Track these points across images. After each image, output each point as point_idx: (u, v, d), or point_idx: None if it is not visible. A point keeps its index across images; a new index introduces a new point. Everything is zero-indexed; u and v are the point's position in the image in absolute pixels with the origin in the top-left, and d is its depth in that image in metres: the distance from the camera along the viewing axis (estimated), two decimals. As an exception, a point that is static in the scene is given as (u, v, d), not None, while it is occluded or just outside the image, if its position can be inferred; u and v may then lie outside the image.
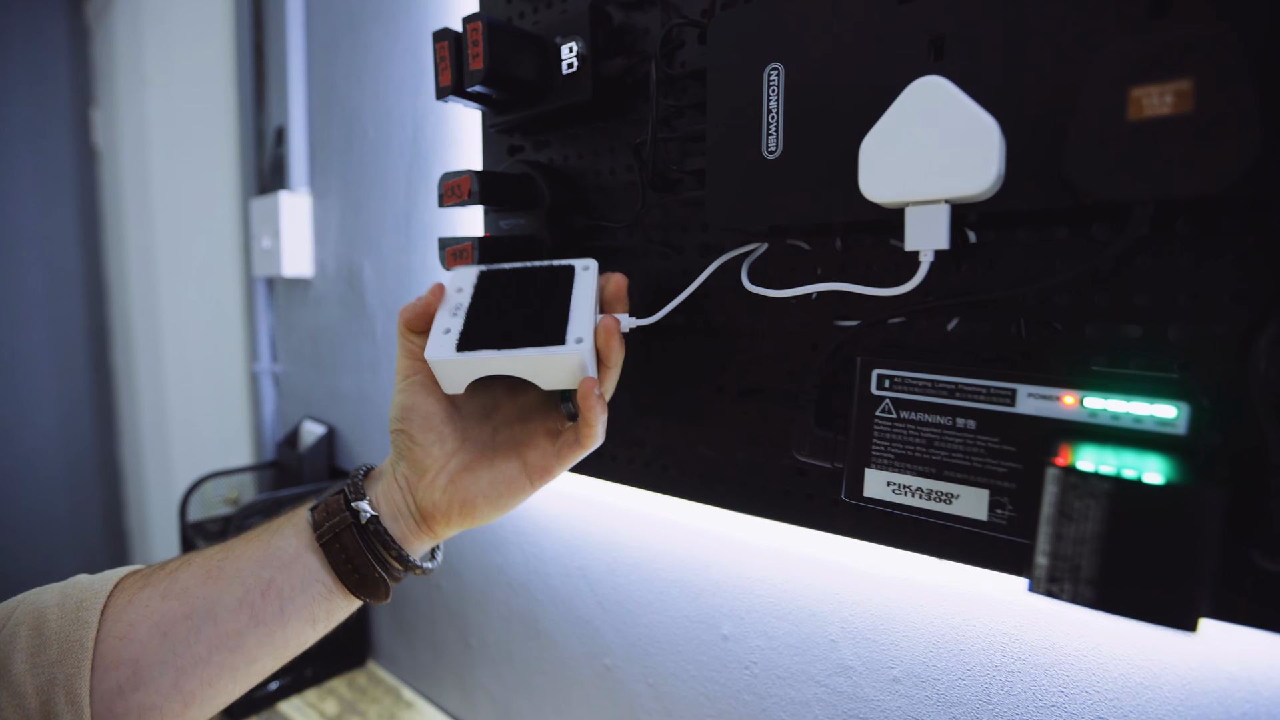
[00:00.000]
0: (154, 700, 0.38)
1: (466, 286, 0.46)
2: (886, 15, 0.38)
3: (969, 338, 0.42)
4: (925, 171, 0.35)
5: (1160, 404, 0.32)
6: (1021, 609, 0.43)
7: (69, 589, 0.40)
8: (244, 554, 0.42)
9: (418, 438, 0.44)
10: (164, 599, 0.39)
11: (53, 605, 0.38)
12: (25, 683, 0.35)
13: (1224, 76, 0.28)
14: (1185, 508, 0.27)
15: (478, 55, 0.53)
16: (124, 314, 1.81)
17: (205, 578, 0.41)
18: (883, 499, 0.40)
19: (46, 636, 0.37)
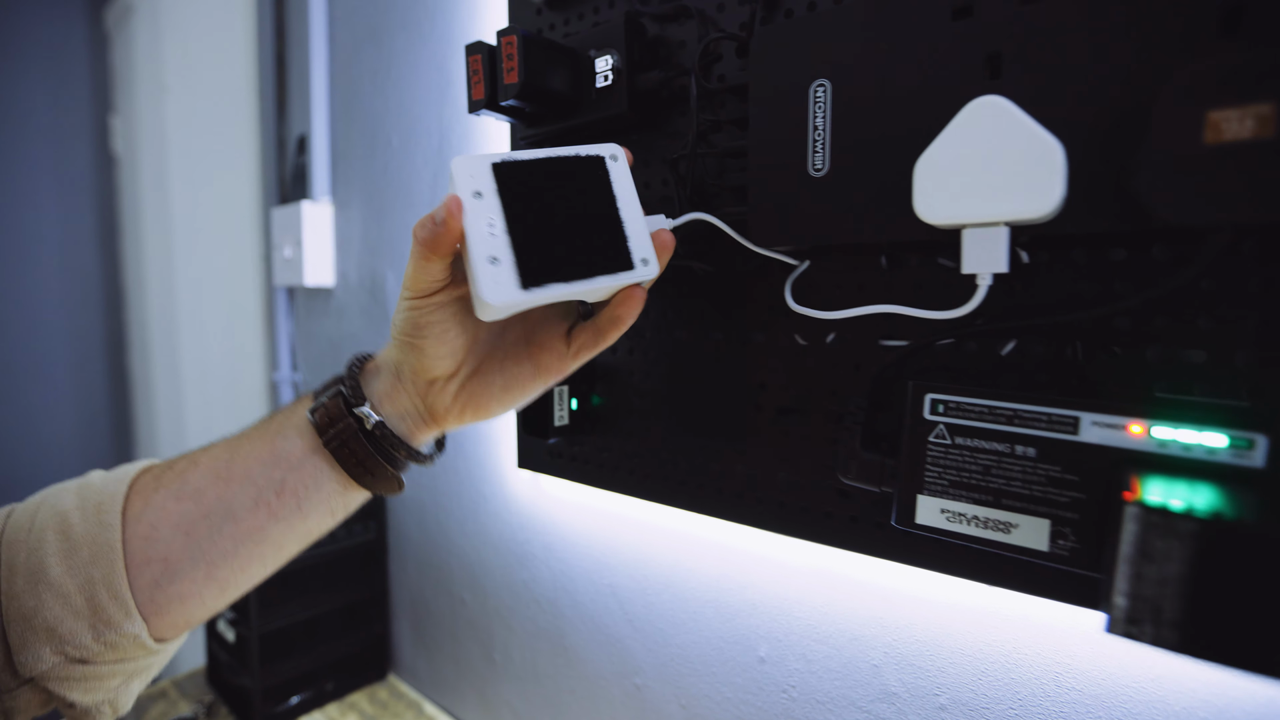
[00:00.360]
0: (191, 589, 0.40)
1: (486, 190, 0.37)
2: (940, 32, 0.37)
3: (1021, 360, 0.41)
4: (984, 193, 0.34)
5: (1236, 435, 0.31)
6: (1076, 637, 0.42)
7: (85, 491, 0.40)
8: (250, 454, 0.42)
9: (429, 351, 0.40)
10: (178, 500, 0.40)
11: (73, 509, 0.39)
12: (66, 583, 0.37)
13: (1310, 99, 0.27)
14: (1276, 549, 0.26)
15: (512, 69, 0.52)
16: (141, 321, 1.83)
17: (215, 479, 0.41)
18: (937, 526, 0.39)
19: (74, 540, 0.38)
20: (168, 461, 0.43)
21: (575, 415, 0.62)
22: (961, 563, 0.43)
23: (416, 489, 0.91)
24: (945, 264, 0.43)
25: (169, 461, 0.43)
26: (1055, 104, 0.34)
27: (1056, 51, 0.34)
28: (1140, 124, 0.31)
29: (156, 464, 0.43)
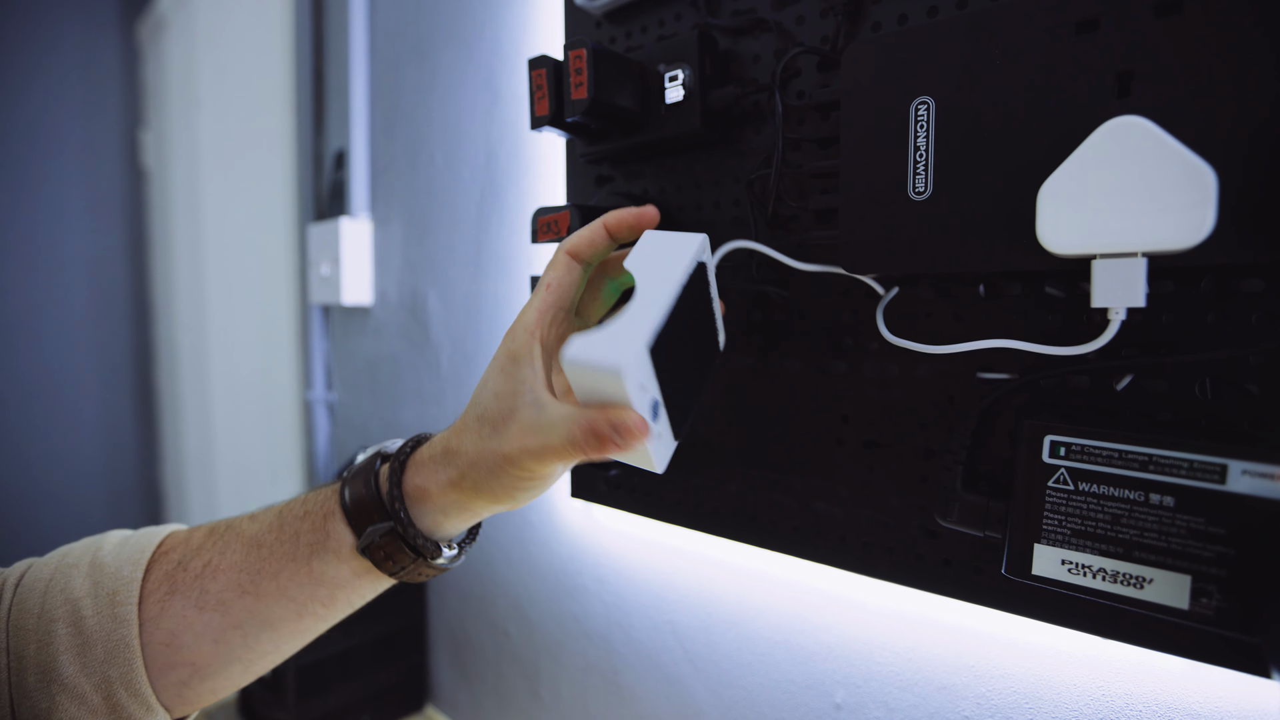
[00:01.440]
0: (225, 685, 0.39)
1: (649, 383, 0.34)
2: (1062, 47, 0.35)
3: (1139, 395, 0.38)
4: (1121, 221, 0.32)
5: None
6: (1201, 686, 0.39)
7: (98, 575, 0.38)
8: (280, 572, 0.39)
9: (524, 500, 0.39)
10: (199, 610, 0.38)
11: (85, 597, 0.37)
12: (80, 683, 0.35)
13: None
14: None
15: (581, 84, 0.51)
16: (170, 336, 1.84)
17: (240, 592, 0.38)
18: (1056, 578, 0.37)
19: (86, 635, 0.36)
20: (179, 560, 0.39)
21: (636, 444, 0.60)
22: (1075, 615, 0.40)
23: (458, 514, 0.89)
24: (1053, 293, 0.41)
25: (181, 561, 0.39)
26: (1194, 125, 0.32)
27: (1198, 69, 0.32)
28: (1304, 147, 0.29)
29: (171, 537, 0.41)
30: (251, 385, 1.38)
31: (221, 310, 1.50)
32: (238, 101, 1.34)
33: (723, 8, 0.54)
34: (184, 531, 0.42)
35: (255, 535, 0.40)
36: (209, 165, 1.50)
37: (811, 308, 0.50)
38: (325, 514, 0.40)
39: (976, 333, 0.43)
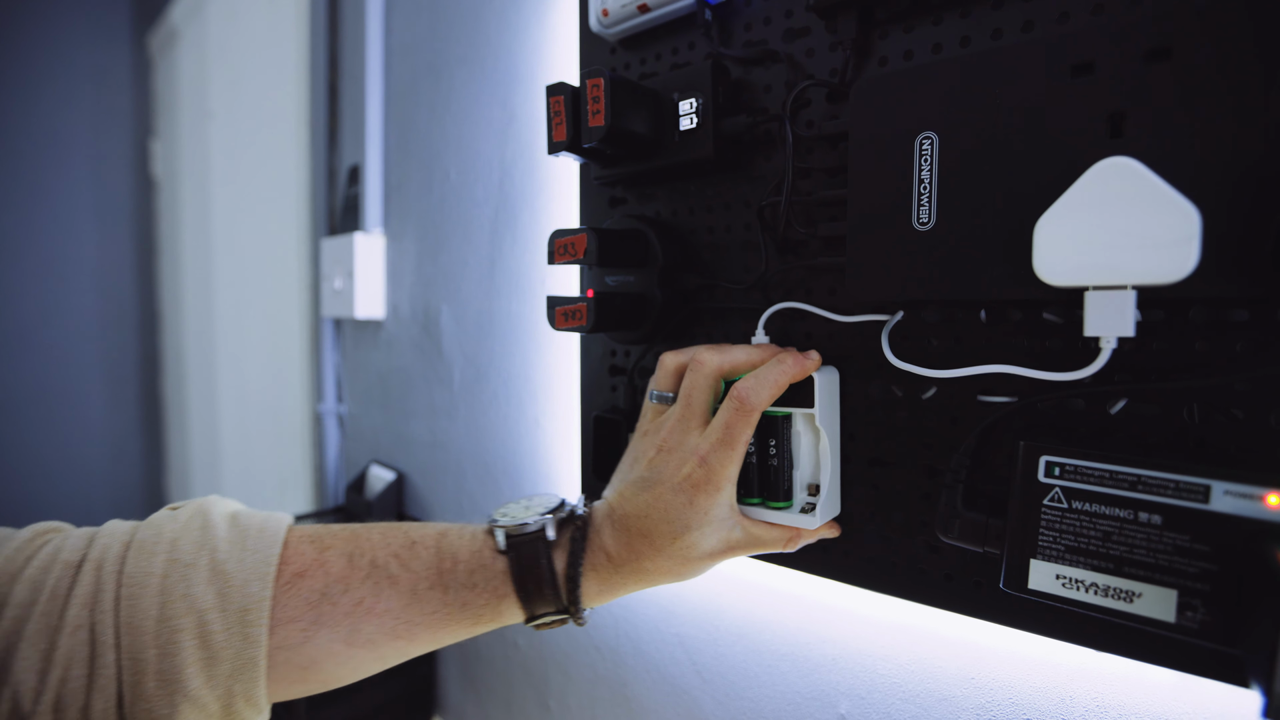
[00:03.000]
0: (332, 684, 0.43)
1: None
2: (1059, 89, 0.38)
3: (1131, 420, 0.41)
4: (1111, 255, 0.35)
5: (1389, 512, 0.30)
6: (1186, 696, 0.41)
7: (224, 584, 0.39)
8: (441, 629, 0.44)
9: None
10: (349, 645, 0.41)
11: (213, 609, 0.38)
12: (204, 695, 0.38)
13: None
14: None
15: (599, 112, 0.54)
16: (177, 346, 1.87)
17: (395, 637, 0.43)
18: (1051, 593, 0.39)
19: (215, 650, 0.38)
20: (319, 578, 0.41)
21: (647, 459, 0.62)
22: (1068, 628, 0.43)
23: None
24: (1051, 319, 0.43)
25: (322, 581, 0.41)
26: (1183, 167, 0.34)
27: (1186, 112, 0.34)
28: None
29: (293, 549, 0.42)
30: (260, 396, 1.41)
31: (230, 321, 1.53)
32: (250, 114, 1.38)
33: (735, 38, 0.57)
34: (308, 544, 0.43)
35: (413, 587, 0.43)
36: (220, 176, 1.53)
37: (819, 331, 0.53)
38: (497, 594, 0.44)
39: (978, 357, 0.45)
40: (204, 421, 1.73)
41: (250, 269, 1.43)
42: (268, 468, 1.40)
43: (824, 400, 0.49)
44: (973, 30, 0.45)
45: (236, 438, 1.55)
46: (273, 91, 1.26)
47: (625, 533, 0.45)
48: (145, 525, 0.42)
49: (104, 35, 1.96)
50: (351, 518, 1.06)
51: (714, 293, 0.59)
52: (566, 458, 0.77)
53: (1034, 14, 0.43)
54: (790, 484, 0.50)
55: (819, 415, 0.48)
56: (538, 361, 0.79)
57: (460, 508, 0.93)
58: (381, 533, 0.45)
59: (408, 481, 1.02)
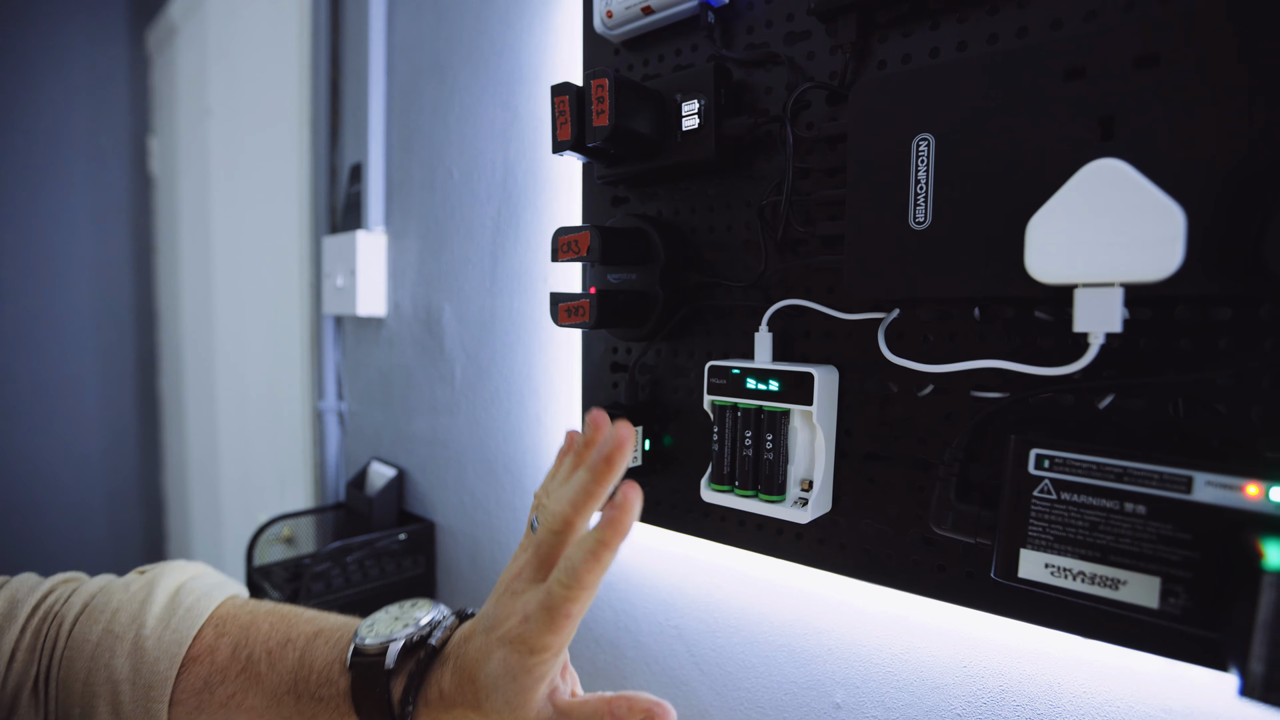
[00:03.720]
0: None
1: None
2: (1051, 92, 0.39)
3: (1119, 414, 0.42)
4: (1100, 254, 0.36)
5: (1361, 500, 0.32)
6: (1171, 686, 0.42)
7: (138, 659, 0.43)
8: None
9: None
10: None
11: (125, 682, 0.43)
12: None
13: None
14: None
15: (603, 111, 0.55)
16: (175, 343, 1.88)
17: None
18: (1040, 581, 0.41)
19: (123, 717, 0.43)
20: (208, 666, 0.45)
21: (648, 456, 0.64)
22: (1057, 615, 0.44)
23: (471, 525, 0.93)
24: (1043, 317, 0.45)
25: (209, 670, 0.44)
26: (1170, 168, 0.36)
27: (1173, 117, 0.36)
28: (1267, 194, 0.33)
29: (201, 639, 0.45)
30: (259, 393, 1.42)
31: (229, 318, 1.54)
32: (250, 111, 1.39)
33: (737, 41, 0.59)
34: (212, 628, 0.46)
35: (275, 689, 0.45)
36: (219, 174, 1.54)
37: (818, 329, 0.55)
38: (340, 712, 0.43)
39: (971, 353, 0.47)
40: (202, 419, 1.74)
41: (250, 266, 1.44)
42: (267, 465, 1.41)
43: (822, 398, 0.50)
44: (969, 35, 0.47)
45: (235, 435, 1.55)
46: (273, 89, 1.27)
47: (460, 674, 0.40)
48: (103, 591, 0.47)
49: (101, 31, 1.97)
50: (352, 514, 1.07)
51: (715, 291, 0.60)
52: (567, 453, 0.78)
53: (1029, 19, 0.45)
54: (785, 479, 0.52)
55: (816, 413, 0.50)
56: (539, 359, 0.81)
57: (461, 504, 0.94)
58: (272, 624, 0.47)
59: (408, 478, 1.03)
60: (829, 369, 0.52)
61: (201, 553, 1.86)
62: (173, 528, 2.09)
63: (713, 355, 0.61)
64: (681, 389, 0.64)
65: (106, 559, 2.04)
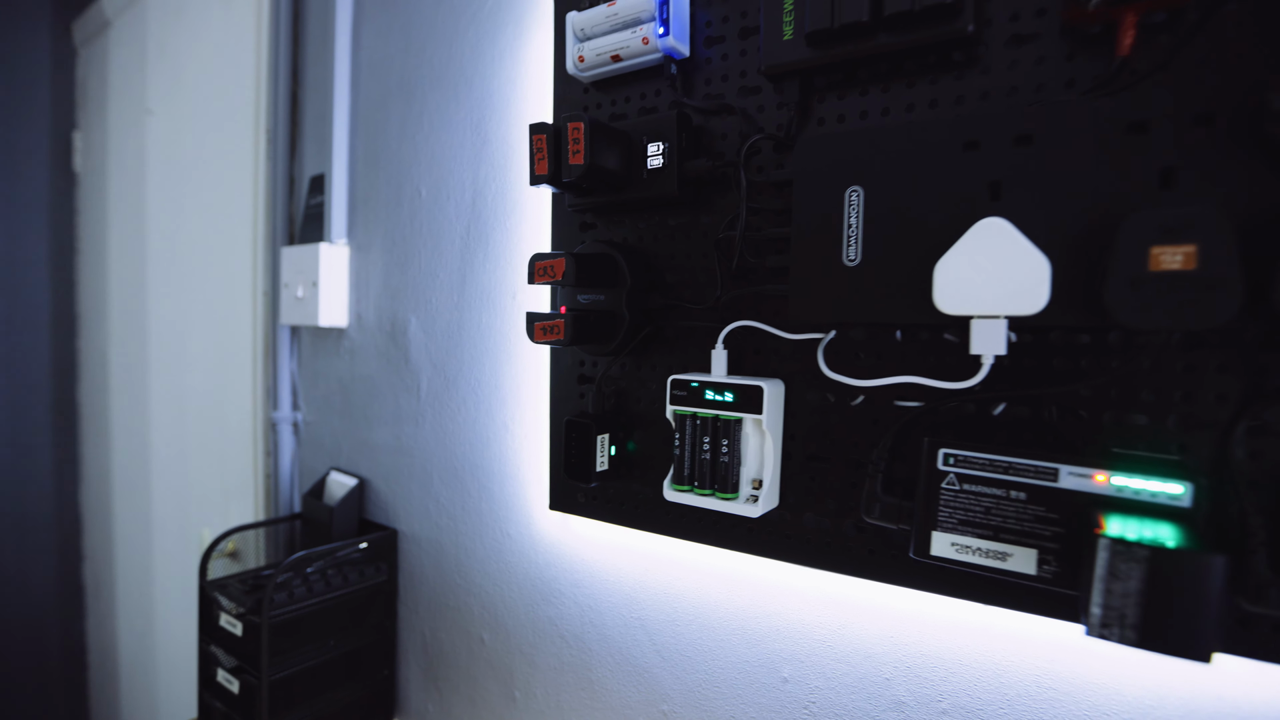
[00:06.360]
0: None
1: None
2: (953, 160, 0.51)
3: (1010, 420, 0.55)
4: (988, 293, 0.48)
5: (1171, 482, 0.45)
6: (1054, 645, 0.55)
7: None
8: None
9: None
10: None
11: None
12: None
13: (1217, 246, 0.41)
14: (1203, 569, 0.40)
15: (578, 152, 0.65)
16: (100, 350, 1.86)
17: None
18: (948, 557, 0.52)
19: None
20: None
21: (614, 460, 0.73)
22: (962, 586, 0.56)
23: (436, 531, 1.00)
24: (950, 339, 0.57)
25: None
26: (1042, 225, 0.48)
27: (1040, 186, 0.48)
28: (1106, 248, 0.46)
29: None
30: (201, 404, 1.45)
31: (166, 326, 1.56)
32: (197, 115, 1.43)
33: (696, 90, 0.69)
34: None
35: None
36: (157, 175, 1.56)
37: (766, 347, 0.66)
38: None
39: (894, 369, 0.58)
40: (132, 431, 1.74)
41: (194, 273, 1.46)
42: (209, 478, 1.43)
43: (770, 407, 0.61)
44: (891, 103, 0.59)
45: (171, 447, 1.57)
46: (224, 95, 1.32)
47: None
48: None
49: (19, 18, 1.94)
50: (309, 524, 1.13)
51: (676, 312, 0.70)
52: (535, 460, 0.87)
53: (938, 95, 0.57)
54: (738, 479, 0.62)
55: (766, 420, 0.61)
56: (508, 370, 0.89)
57: (426, 511, 1.01)
58: None
59: (370, 487, 1.10)
60: (776, 382, 0.63)
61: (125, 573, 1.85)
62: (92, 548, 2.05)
63: (674, 370, 0.71)
64: (644, 399, 0.74)
65: (12, 584, 1.99)
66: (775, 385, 0.62)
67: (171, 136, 1.51)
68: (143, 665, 1.79)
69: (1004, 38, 0.54)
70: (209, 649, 1.04)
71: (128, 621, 1.87)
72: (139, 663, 1.81)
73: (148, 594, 1.73)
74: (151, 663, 1.74)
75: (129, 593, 1.85)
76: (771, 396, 0.61)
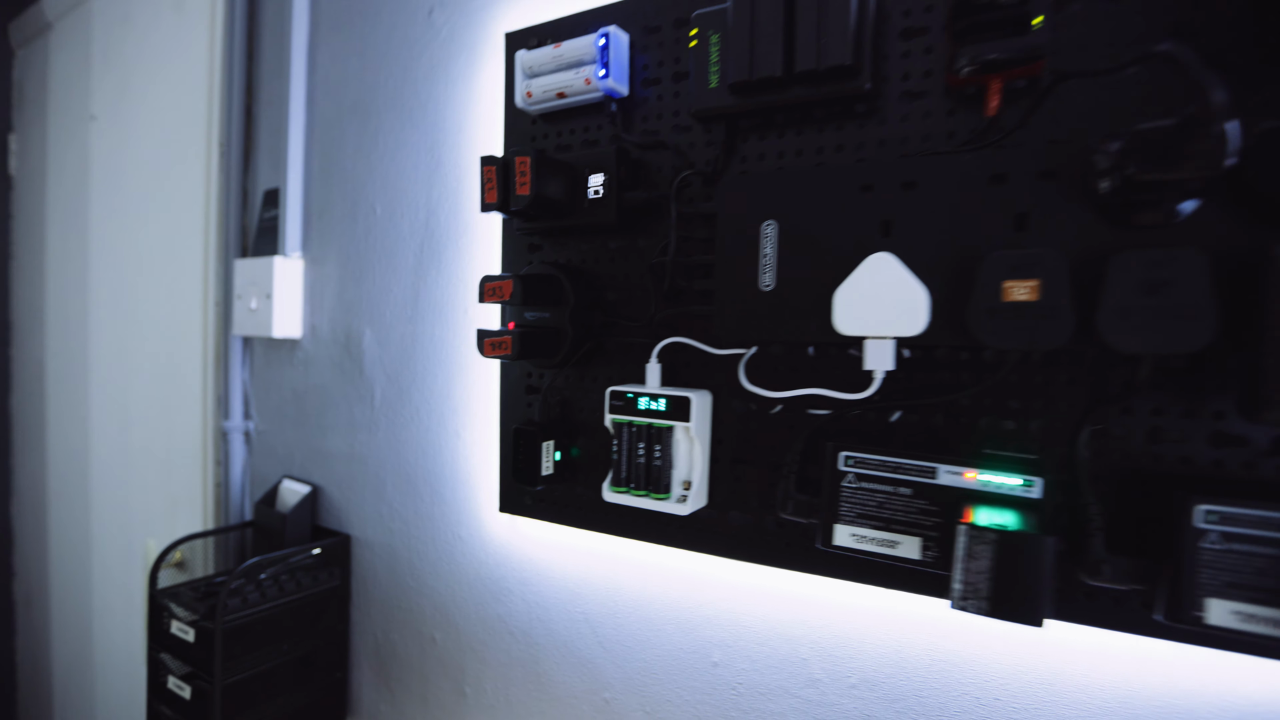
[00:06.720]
0: None
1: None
2: (852, 200, 0.60)
3: (904, 426, 0.63)
4: (879, 317, 0.57)
5: (1025, 478, 0.54)
6: (941, 624, 0.63)
7: None
8: None
9: None
10: None
11: None
12: None
13: (1056, 281, 0.51)
14: (1037, 549, 0.49)
15: (525, 183, 0.72)
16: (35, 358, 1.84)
17: None
18: (848, 546, 0.61)
19: None
20: None
21: (559, 465, 0.80)
22: (862, 571, 0.64)
23: (389, 535, 1.05)
24: (854, 354, 0.65)
25: None
26: (923, 258, 0.57)
27: (923, 225, 0.57)
28: (969, 280, 0.55)
29: None
30: (146, 414, 1.46)
31: (110, 335, 1.56)
32: (146, 124, 1.44)
33: (635, 126, 0.77)
34: None
35: None
36: (101, 182, 1.57)
37: (696, 361, 0.73)
38: None
39: (806, 382, 0.67)
40: (70, 442, 1.72)
41: (142, 283, 1.47)
42: (154, 487, 1.44)
43: (698, 416, 0.69)
44: (805, 145, 0.67)
45: (114, 458, 1.57)
46: (176, 105, 1.34)
47: None
48: None
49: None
50: (262, 532, 1.16)
51: (615, 328, 0.78)
52: (485, 465, 0.93)
53: (844, 140, 0.66)
54: (670, 480, 0.70)
55: (694, 428, 0.68)
56: (459, 381, 0.95)
57: (380, 515, 1.06)
58: None
59: (323, 494, 1.14)
60: (704, 393, 0.71)
61: (61, 587, 1.83)
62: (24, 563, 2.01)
63: (613, 381, 0.78)
64: (587, 408, 0.81)
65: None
66: (703, 396, 0.70)
67: (117, 143, 1.52)
68: (79, 681, 1.77)
69: (898, 94, 0.63)
70: (159, 657, 1.06)
71: (63, 637, 1.84)
72: (75, 678, 1.79)
73: (86, 607, 1.72)
74: (89, 678, 1.72)
75: (65, 608, 1.83)
76: (699, 406, 0.69)
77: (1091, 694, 0.58)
